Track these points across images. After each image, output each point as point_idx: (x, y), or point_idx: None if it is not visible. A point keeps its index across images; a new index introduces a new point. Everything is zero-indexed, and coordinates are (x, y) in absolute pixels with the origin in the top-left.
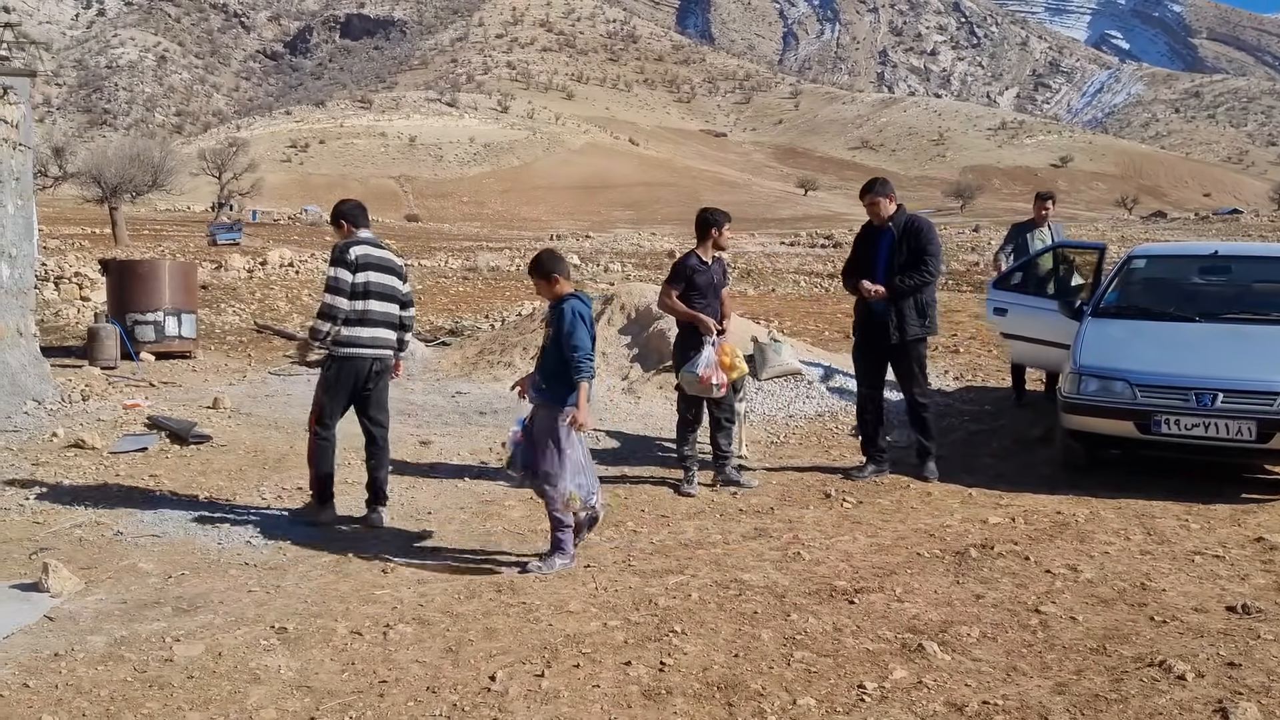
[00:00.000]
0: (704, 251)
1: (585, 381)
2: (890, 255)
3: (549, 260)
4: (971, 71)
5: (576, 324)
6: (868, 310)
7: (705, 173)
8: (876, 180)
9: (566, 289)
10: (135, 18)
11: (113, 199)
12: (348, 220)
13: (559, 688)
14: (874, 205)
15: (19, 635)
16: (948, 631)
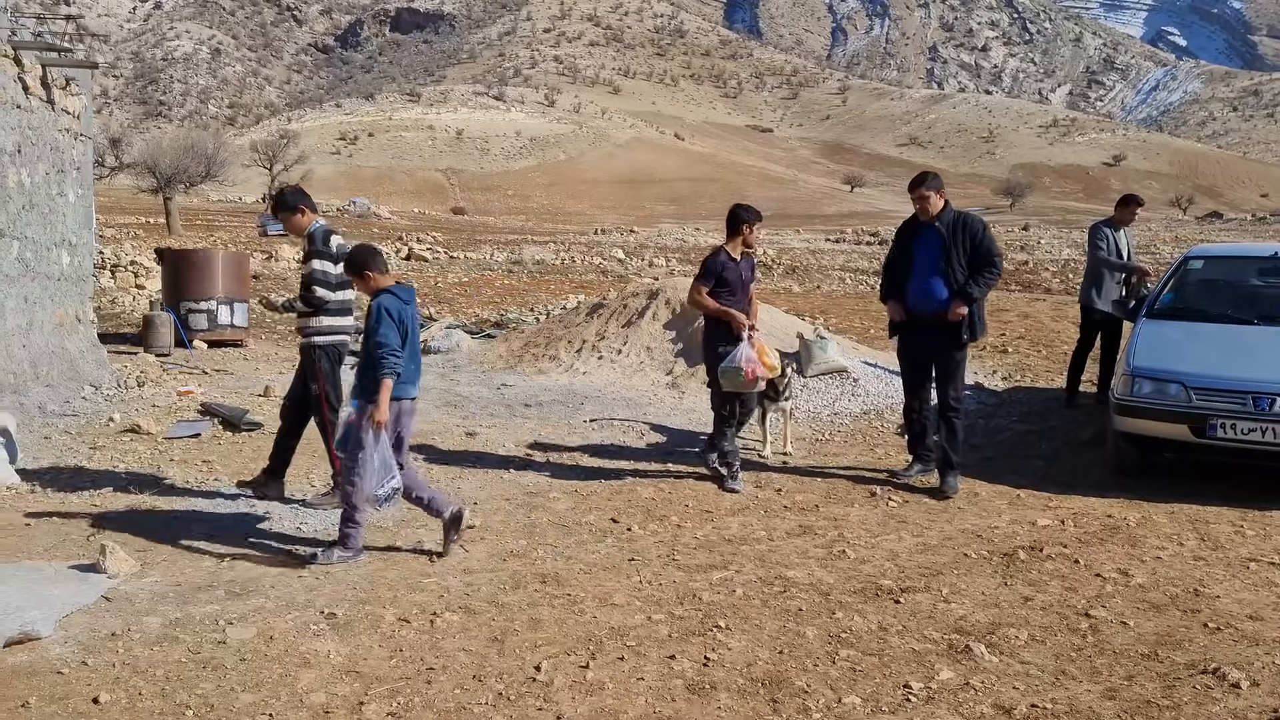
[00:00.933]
0: (733, 248)
1: (388, 379)
2: (942, 254)
3: (360, 255)
4: (1023, 68)
5: (382, 320)
6: (911, 310)
7: (751, 168)
8: (927, 174)
9: (382, 283)
10: (191, 11)
11: (167, 189)
12: (309, 207)
13: (604, 679)
14: (923, 200)
15: (78, 615)
16: (995, 633)
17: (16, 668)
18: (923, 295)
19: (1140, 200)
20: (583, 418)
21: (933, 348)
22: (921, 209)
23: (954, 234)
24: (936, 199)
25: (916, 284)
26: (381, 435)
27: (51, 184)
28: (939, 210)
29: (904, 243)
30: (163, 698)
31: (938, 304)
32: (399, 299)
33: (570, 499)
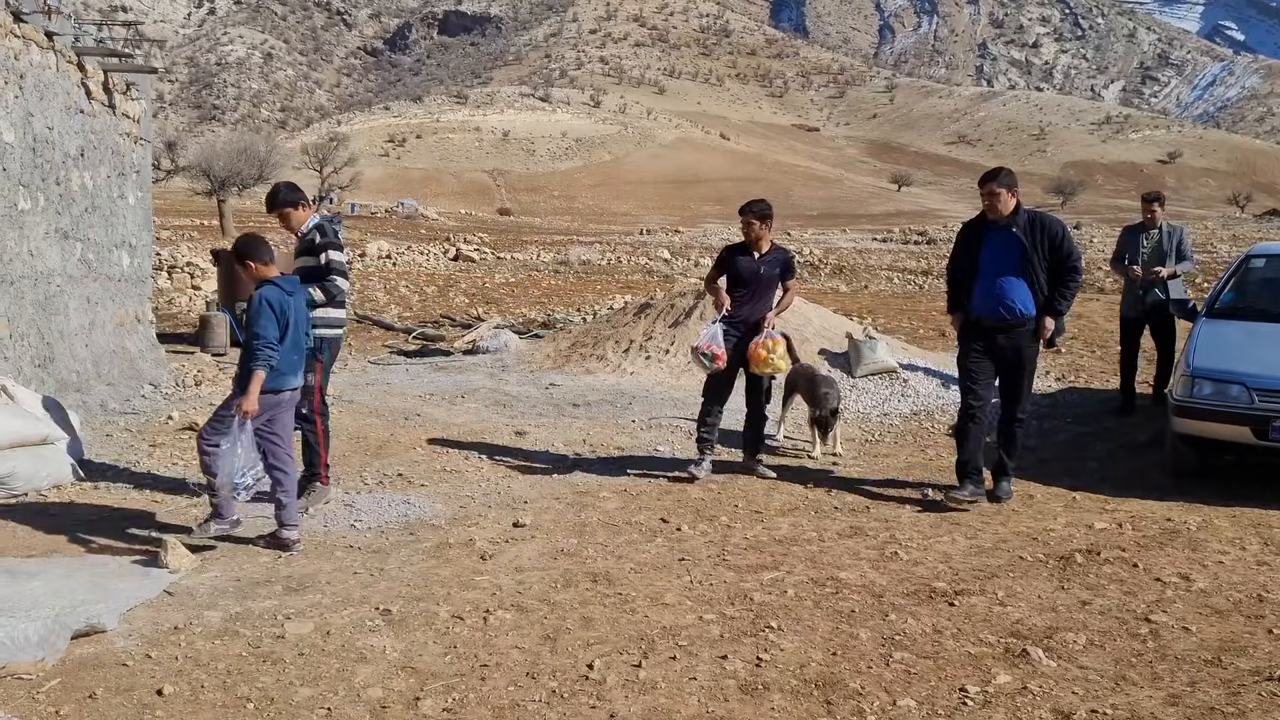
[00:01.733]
0: (746, 235)
1: (259, 370)
2: (1021, 259)
3: (243, 245)
4: (1075, 64)
5: (260, 312)
6: (975, 317)
7: (796, 168)
8: (1001, 169)
9: (266, 274)
10: (244, 16)
11: (220, 192)
12: (306, 202)
13: (656, 679)
14: (992, 197)
15: (141, 608)
16: (1053, 638)
17: (84, 659)
18: (992, 302)
19: (1154, 196)
20: (631, 417)
21: (1001, 358)
22: (990, 206)
23: (1033, 237)
24: (1008, 197)
25: (984, 290)
26: (247, 425)
27: (113, 187)
28: (1011, 210)
29: (969, 245)
30: (224, 690)
31: (1011, 312)
32: (282, 290)
33: (619, 498)
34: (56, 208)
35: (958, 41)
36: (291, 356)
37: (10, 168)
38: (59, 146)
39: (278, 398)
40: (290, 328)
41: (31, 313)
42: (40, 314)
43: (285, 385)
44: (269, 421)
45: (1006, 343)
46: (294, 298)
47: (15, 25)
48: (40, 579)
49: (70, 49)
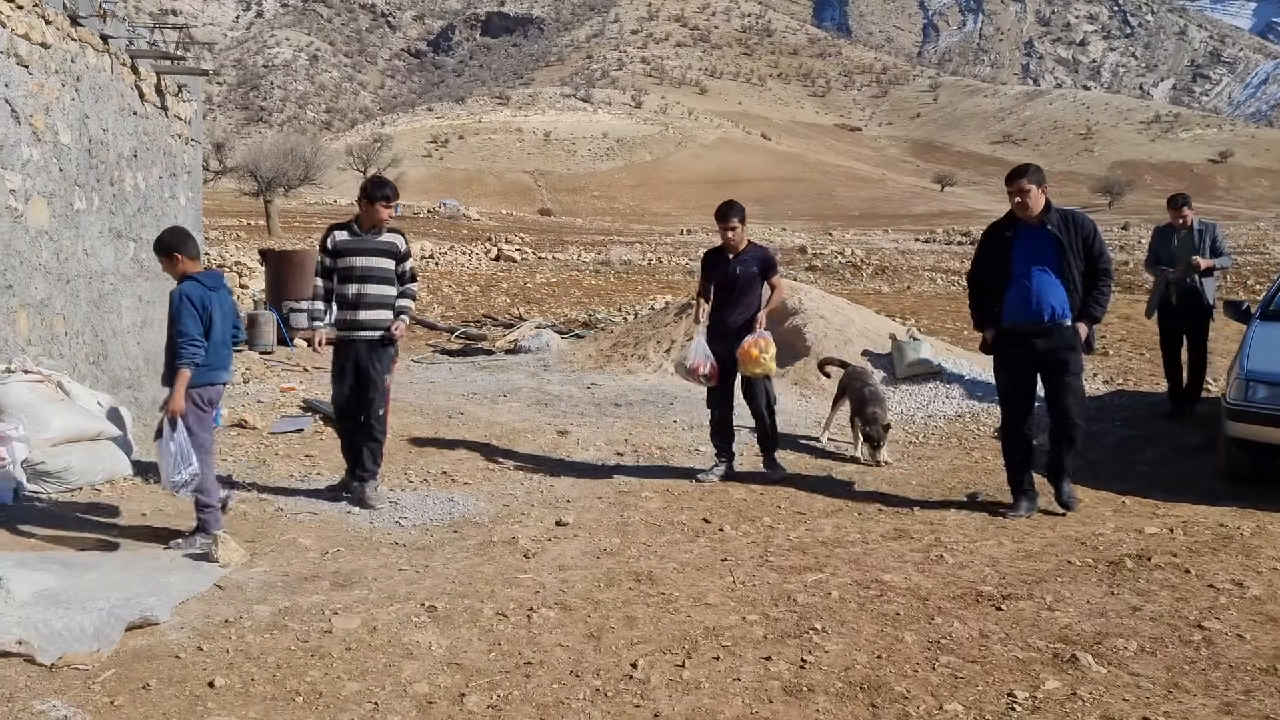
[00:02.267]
0: (723, 239)
1: (185, 369)
2: (1057, 258)
3: (169, 237)
4: (1124, 62)
5: (182, 309)
6: (1009, 324)
7: (838, 168)
8: (1028, 166)
9: (190, 269)
10: (290, 18)
11: (267, 192)
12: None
13: (700, 679)
14: (1022, 194)
15: (192, 602)
16: (1103, 643)
17: (137, 651)
18: (1025, 306)
19: (1181, 200)
20: (673, 417)
21: (1042, 365)
22: (1020, 205)
23: (1068, 235)
24: (1038, 194)
25: (1017, 293)
26: (179, 424)
27: (164, 187)
28: (1041, 208)
29: (998, 247)
30: (274, 684)
31: (1046, 316)
32: (204, 286)
33: (662, 498)
34: (110, 208)
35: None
36: (221, 351)
37: (67, 168)
38: (113, 148)
39: (211, 391)
40: (216, 323)
41: (86, 310)
42: (94, 312)
43: (217, 380)
44: (198, 414)
45: (1045, 346)
46: (217, 294)
47: (72, 28)
48: (95, 571)
49: (124, 52)
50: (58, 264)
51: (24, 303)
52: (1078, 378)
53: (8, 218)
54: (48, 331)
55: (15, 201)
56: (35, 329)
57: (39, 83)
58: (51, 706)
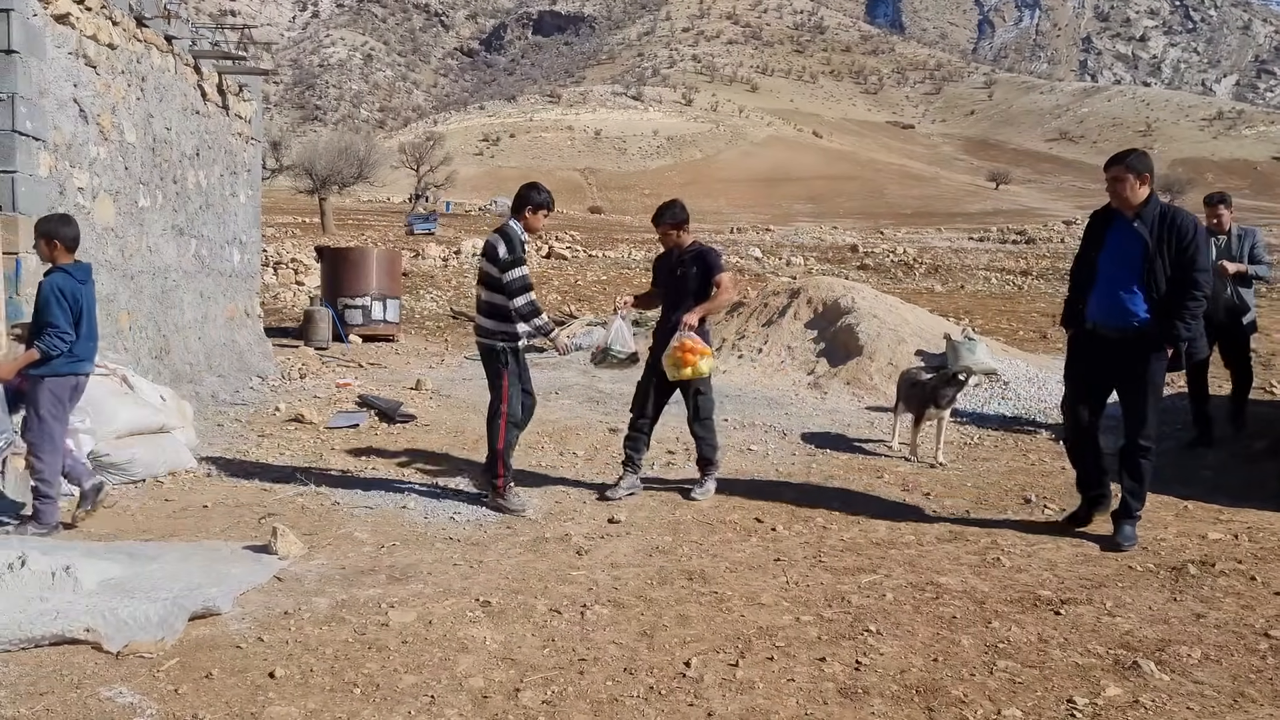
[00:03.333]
0: (663, 243)
1: (40, 349)
2: (1143, 260)
3: (52, 223)
4: (1185, 58)
5: (51, 301)
6: (1090, 324)
7: (890, 165)
8: (1131, 152)
9: (61, 259)
10: (345, 18)
11: (322, 190)
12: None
13: (754, 679)
14: (1118, 183)
15: (253, 593)
16: (1165, 650)
17: (200, 640)
18: (1105, 307)
19: (1218, 198)
20: (723, 416)
21: (1116, 373)
22: (1114, 192)
23: (1158, 235)
24: (1136, 185)
25: (1099, 292)
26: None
27: (225, 185)
28: (1141, 201)
29: (1091, 239)
30: (332, 675)
31: (1125, 322)
32: (74, 279)
33: (713, 497)
34: (173, 205)
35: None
36: (88, 344)
37: (132, 167)
38: (176, 146)
39: (75, 381)
40: (84, 315)
41: (150, 306)
42: (157, 307)
43: (81, 370)
44: (56, 404)
45: (1124, 356)
46: (85, 286)
47: (138, 30)
48: (158, 562)
49: (187, 52)
50: (123, 260)
51: None
52: (1154, 397)
53: (76, 215)
54: (113, 326)
55: (83, 199)
56: (101, 324)
57: (106, 83)
58: (118, 693)
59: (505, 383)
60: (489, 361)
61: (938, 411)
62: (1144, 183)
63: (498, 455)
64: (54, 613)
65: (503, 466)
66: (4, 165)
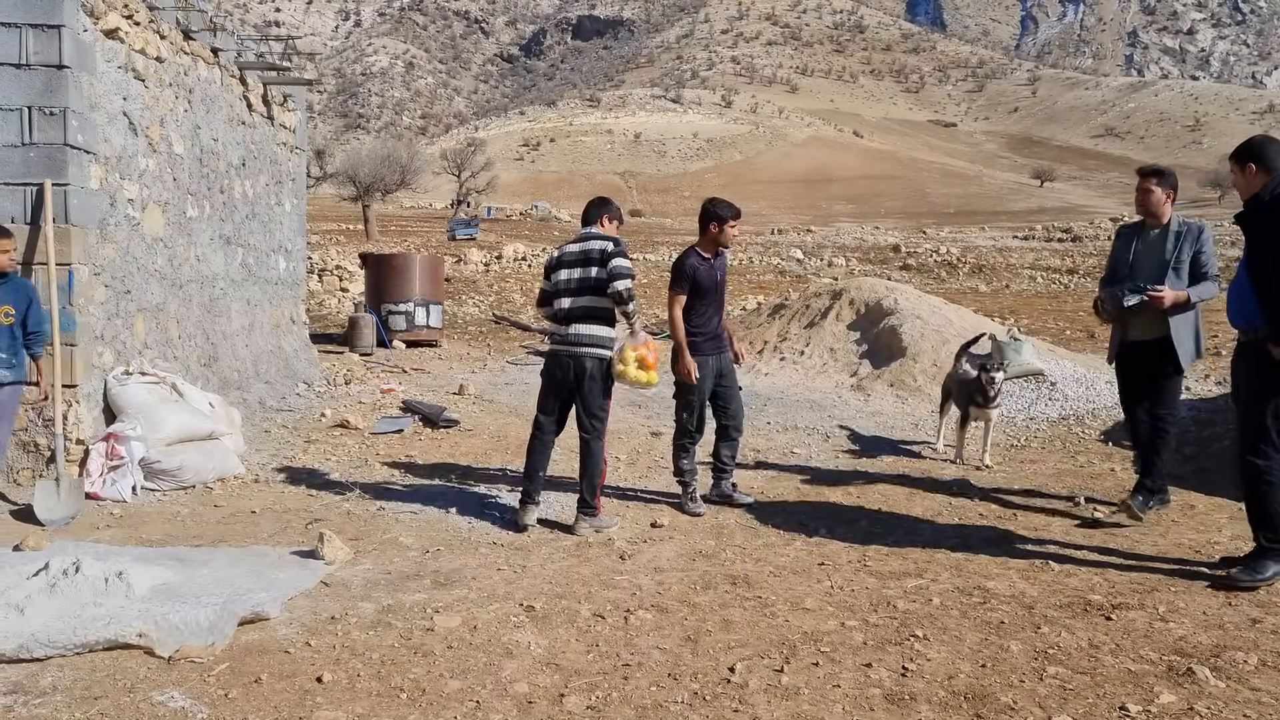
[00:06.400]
0: (704, 247)
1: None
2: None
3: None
4: (1235, 51)
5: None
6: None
7: (932, 164)
8: (1160, 169)
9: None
10: (387, 27)
11: (365, 197)
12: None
13: (799, 685)
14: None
15: (300, 598)
16: (1220, 656)
17: (249, 645)
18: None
19: (1151, 170)
20: (766, 419)
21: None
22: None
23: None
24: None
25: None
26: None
27: (271, 194)
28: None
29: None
30: (379, 679)
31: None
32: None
33: (757, 501)
34: (220, 215)
35: (1105, 30)
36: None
37: (180, 178)
38: (223, 157)
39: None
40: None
41: (198, 314)
42: (206, 316)
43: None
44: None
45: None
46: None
47: (185, 43)
48: (208, 567)
49: (233, 64)
50: (172, 269)
51: (141, 307)
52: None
53: (126, 226)
54: (162, 335)
55: (133, 210)
56: (151, 332)
57: (154, 95)
58: (170, 697)
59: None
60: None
61: (984, 410)
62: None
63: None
64: (107, 618)
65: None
66: (57, 178)
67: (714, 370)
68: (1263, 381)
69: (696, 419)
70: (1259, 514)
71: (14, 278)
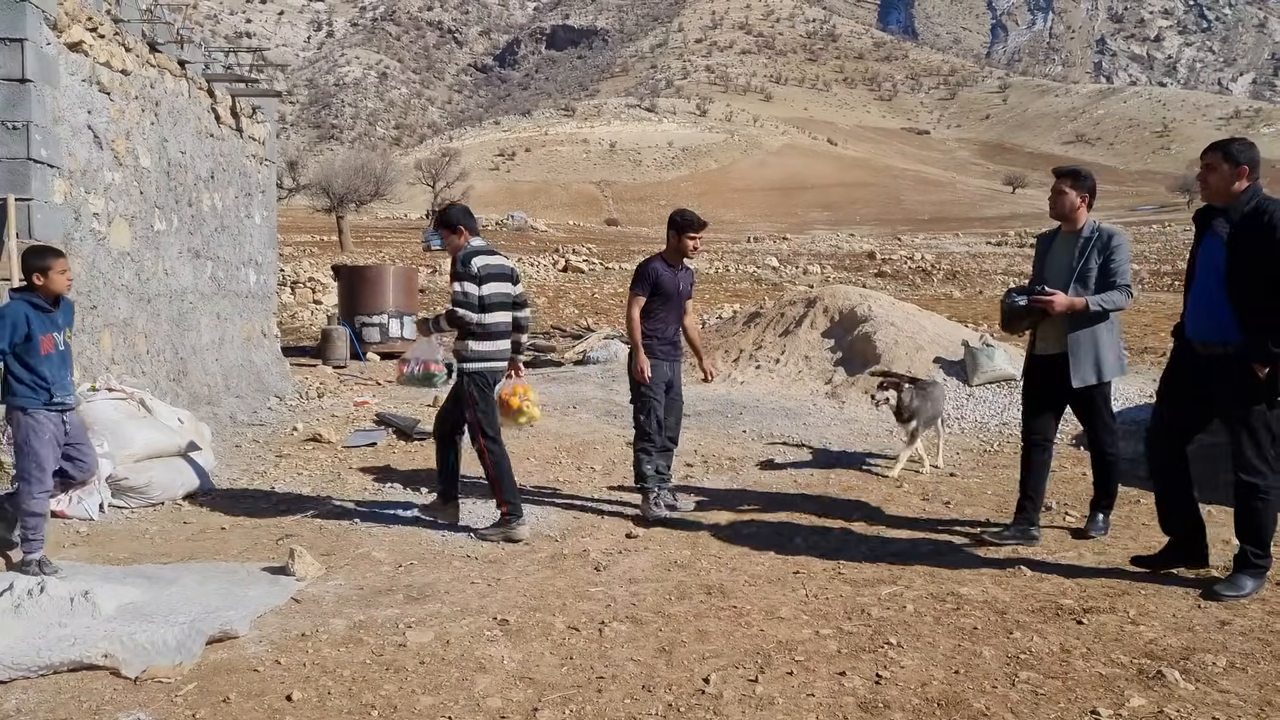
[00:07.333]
0: (669, 255)
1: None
2: (1225, 264)
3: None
4: (1201, 57)
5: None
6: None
7: (906, 171)
8: (1076, 170)
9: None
10: (360, 37)
11: (339, 208)
12: (468, 228)
13: (773, 694)
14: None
15: (270, 615)
16: (1190, 659)
17: (218, 664)
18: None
19: (1067, 170)
20: (741, 428)
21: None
22: (1202, 182)
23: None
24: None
25: (1195, 303)
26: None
27: (240, 207)
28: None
29: (1197, 241)
30: (350, 697)
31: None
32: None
33: (731, 510)
34: (189, 228)
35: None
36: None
37: (147, 191)
38: (191, 169)
39: None
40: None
41: (167, 329)
42: (175, 330)
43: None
44: None
45: (1218, 379)
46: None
47: (151, 55)
48: (176, 585)
49: (201, 76)
50: (139, 284)
51: (108, 322)
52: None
53: (92, 240)
54: (130, 350)
55: (99, 224)
56: (119, 347)
57: (120, 108)
58: (136, 719)
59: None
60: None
61: (903, 426)
62: (1242, 176)
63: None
64: (72, 638)
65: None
66: (20, 193)
67: (666, 376)
68: (1252, 400)
69: (655, 421)
70: (1249, 529)
71: (65, 298)
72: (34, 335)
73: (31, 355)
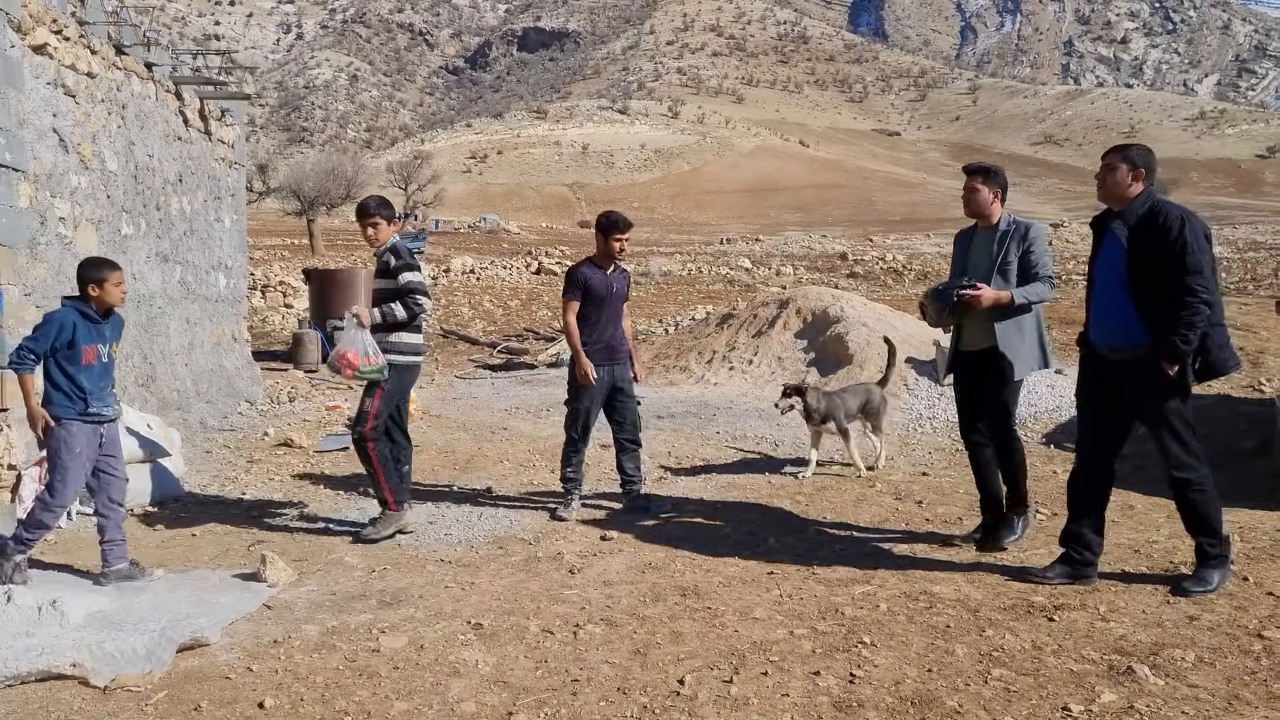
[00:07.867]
0: (598, 258)
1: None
2: (1125, 268)
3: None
4: (1166, 59)
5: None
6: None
7: (877, 173)
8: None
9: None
10: (330, 40)
11: (310, 211)
12: (394, 219)
13: (748, 695)
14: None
15: (242, 622)
16: (1159, 654)
17: (189, 672)
18: (1102, 327)
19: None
20: (715, 429)
21: (1129, 402)
22: (1099, 184)
23: (1140, 237)
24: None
25: (1096, 309)
26: None
27: (209, 211)
28: (1129, 199)
29: (1094, 247)
30: (323, 704)
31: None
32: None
33: (706, 511)
34: (157, 232)
35: (1042, 40)
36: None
37: (114, 195)
38: (159, 173)
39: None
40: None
41: (135, 334)
42: (143, 335)
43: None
44: None
45: (1131, 381)
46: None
47: (117, 58)
48: (146, 593)
49: (168, 79)
50: None
51: None
52: (1165, 424)
53: (58, 245)
54: None
55: (65, 229)
56: None
57: (86, 112)
58: None
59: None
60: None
61: (821, 427)
62: (1138, 179)
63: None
64: (40, 648)
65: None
66: None
67: (606, 383)
68: (1166, 398)
69: (580, 426)
70: (1196, 522)
71: (116, 312)
72: (78, 343)
73: (72, 363)
